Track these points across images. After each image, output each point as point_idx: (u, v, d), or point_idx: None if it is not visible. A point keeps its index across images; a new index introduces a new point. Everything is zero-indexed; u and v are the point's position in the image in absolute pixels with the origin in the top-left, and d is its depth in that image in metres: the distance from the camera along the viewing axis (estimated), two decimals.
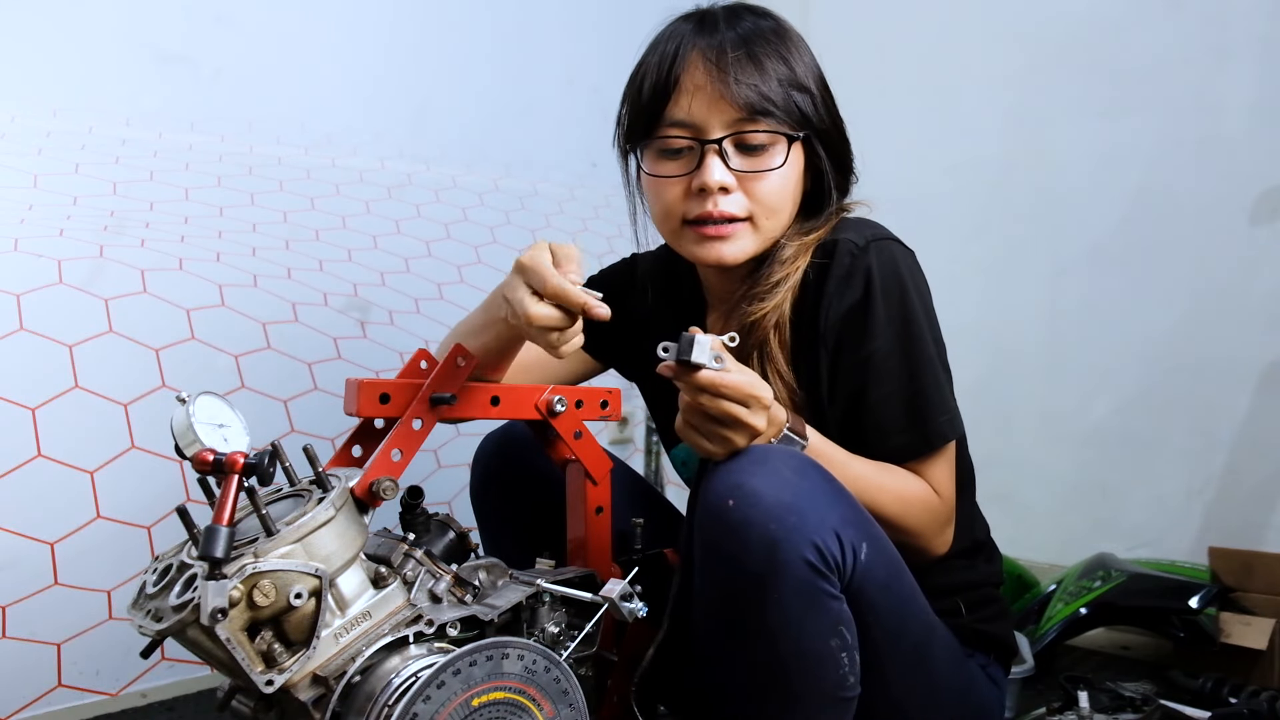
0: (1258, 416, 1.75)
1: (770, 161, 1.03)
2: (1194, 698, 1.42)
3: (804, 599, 0.84)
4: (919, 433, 1.02)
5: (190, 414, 0.78)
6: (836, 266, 1.02)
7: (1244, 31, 1.79)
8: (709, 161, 1.01)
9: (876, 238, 1.03)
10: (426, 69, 1.98)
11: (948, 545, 1.05)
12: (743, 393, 0.86)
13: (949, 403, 1.04)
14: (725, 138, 1.01)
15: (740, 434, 0.88)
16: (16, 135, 1.49)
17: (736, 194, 1.02)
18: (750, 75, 1.00)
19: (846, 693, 0.88)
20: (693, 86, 1.01)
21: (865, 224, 1.06)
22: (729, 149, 1.01)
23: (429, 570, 0.88)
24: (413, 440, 0.90)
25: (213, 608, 0.70)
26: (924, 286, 1.06)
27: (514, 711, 0.81)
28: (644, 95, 1.04)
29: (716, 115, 1.01)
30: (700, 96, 1.01)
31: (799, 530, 0.82)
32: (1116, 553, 1.80)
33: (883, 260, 1.01)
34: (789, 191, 1.05)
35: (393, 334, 1.82)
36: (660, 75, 1.03)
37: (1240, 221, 1.78)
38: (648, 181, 1.08)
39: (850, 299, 1.01)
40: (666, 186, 1.05)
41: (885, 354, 1.01)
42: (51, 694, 1.38)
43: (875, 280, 1.00)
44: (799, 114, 1.03)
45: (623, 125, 1.10)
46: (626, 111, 1.09)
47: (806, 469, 0.88)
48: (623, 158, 1.13)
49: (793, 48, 1.05)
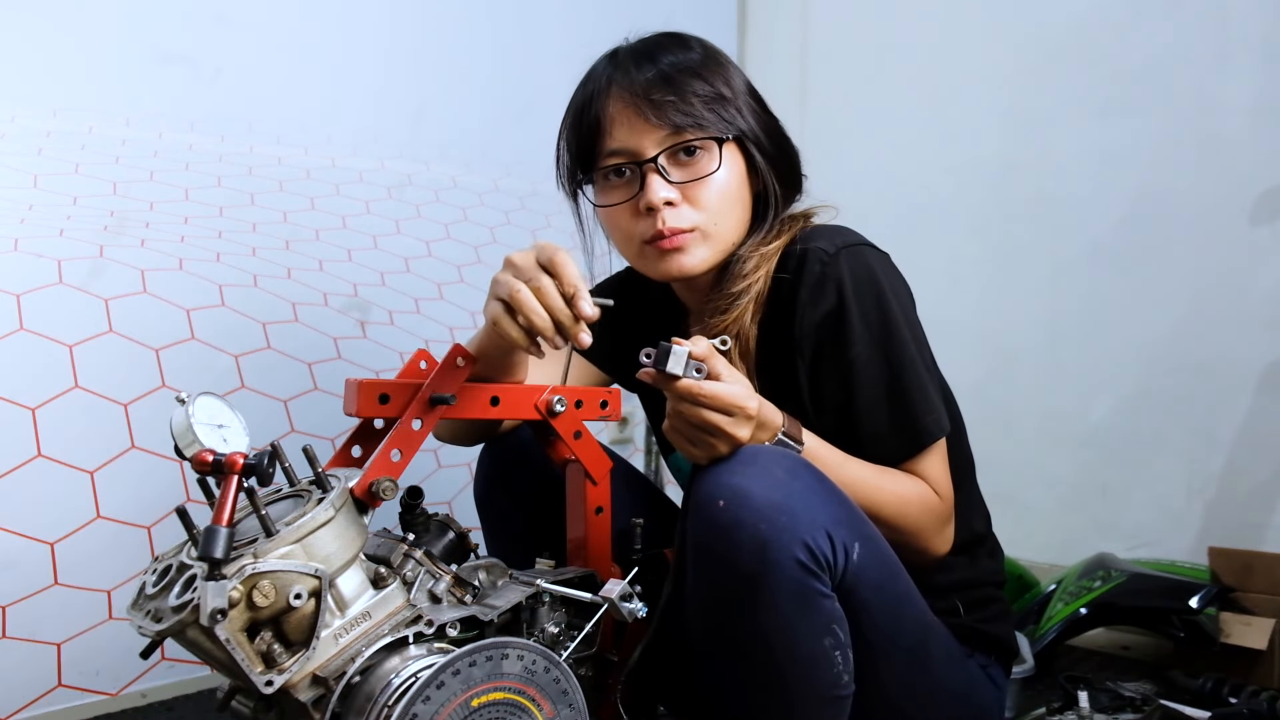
0: (1258, 416, 1.75)
1: (706, 167, 1.05)
2: (1194, 698, 1.42)
3: (796, 598, 0.84)
4: (908, 434, 1.02)
5: (190, 414, 0.78)
6: (807, 275, 1.03)
7: (1244, 31, 1.78)
8: (650, 181, 1.04)
9: (847, 244, 1.04)
10: (426, 69, 1.98)
11: (949, 544, 1.05)
12: (723, 402, 0.87)
13: (934, 401, 1.04)
14: (659, 154, 1.04)
15: (722, 442, 0.89)
16: (16, 135, 1.49)
17: (682, 207, 1.05)
18: (668, 96, 1.03)
19: (841, 691, 0.88)
20: (619, 116, 1.05)
21: (835, 231, 1.07)
22: (665, 164, 1.04)
23: (429, 570, 0.88)
24: (412, 440, 0.90)
25: (212, 608, 0.70)
26: (901, 288, 1.06)
27: (514, 712, 0.81)
28: (579, 134, 1.09)
29: (645, 137, 1.04)
30: (626, 123, 1.05)
31: (789, 530, 0.83)
32: (1116, 553, 1.80)
33: (855, 266, 1.02)
34: (732, 194, 1.07)
35: (393, 334, 1.82)
36: (589, 114, 1.07)
37: (1240, 221, 1.78)
38: (601, 214, 1.13)
39: (824, 307, 1.02)
40: (618, 214, 1.09)
41: (866, 359, 1.01)
42: (51, 694, 1.38)
43: (848, 286, 1.01)
44: (723, 122, 1.06)
45: (563, 166, 1.14)
46: (565, 152, 1.13)
47: (797, 469, 0.88)
48: (571, 199, 1.16)
49: (711, 65, 1.08)
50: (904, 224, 2.15)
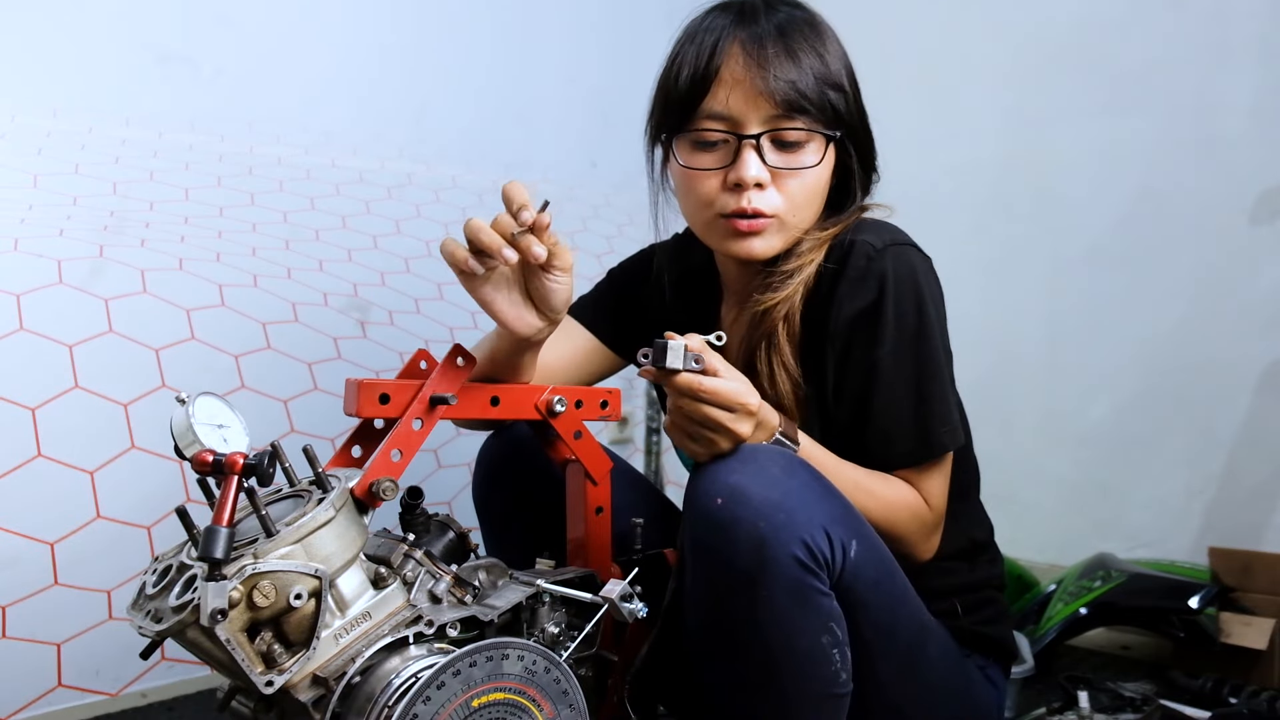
0: (1258, 416, 1.75)
1: (806, 159, 1.02)
2: (1194, 698, 1.42)
3: (793, 596, 0.84)
4: (919, 441, 1.02)
5: (190, 414, 0.78)
6: (851, 268, 1.01)
7: (1244, 31, 1.78)
8: (745, 156, 1.01)
9: (895, 242, 1.02)
10: (426, 69, 1.98)
11: (933, 552, 1.05)
12: (724, 398, 0.87)
13: (952, 415, 1.04)
14: (763, 134, 1.00)
15: (723, 438, 0.88)
16: (16, 135, 1.49)
17: (770, 190, 1.02)
18: (789, 71, 0.99)
19: (839, 689, 0.88)
20: (732, 80, 1.00)
21: (885, 227, 1.06)
22: (765, 145, 1.01)
23: (429, 571, 0.88)
24: (412, 440, 0.90)
25: (212, 609, 0.70)
26: (939, 295, 1.05)
27: (514, 712, 0.81)
28: (680, 86, 1.03)
29: (754, 110, 1.00)
30: (739, 90, 1.00)
31: (787, 527, 0.83)
32: (1116, 553, 1.80)
33: (899, 265, 1.01)
34: (820, 190, 1.05)
35: (393, 334, 1.82)
36: (699, 67, 1.01)
37: (1240, 221, 1.78)
38: (679, 173, 1.07)
39: (862, 301, 1.01)
40: (701, 179, 1.04)
41: (893, 360, 1.00)
42: (51, 694, 1.38)
43: (889, 284, 1.00)
44: (833, 112, 1.03)
45: (654, 115, 1.09)
46: (660, 102, 1.08)
47: (795, 467, 0.88)
48: (650, 147, 1.12)
49: (828, 42, 1.05)
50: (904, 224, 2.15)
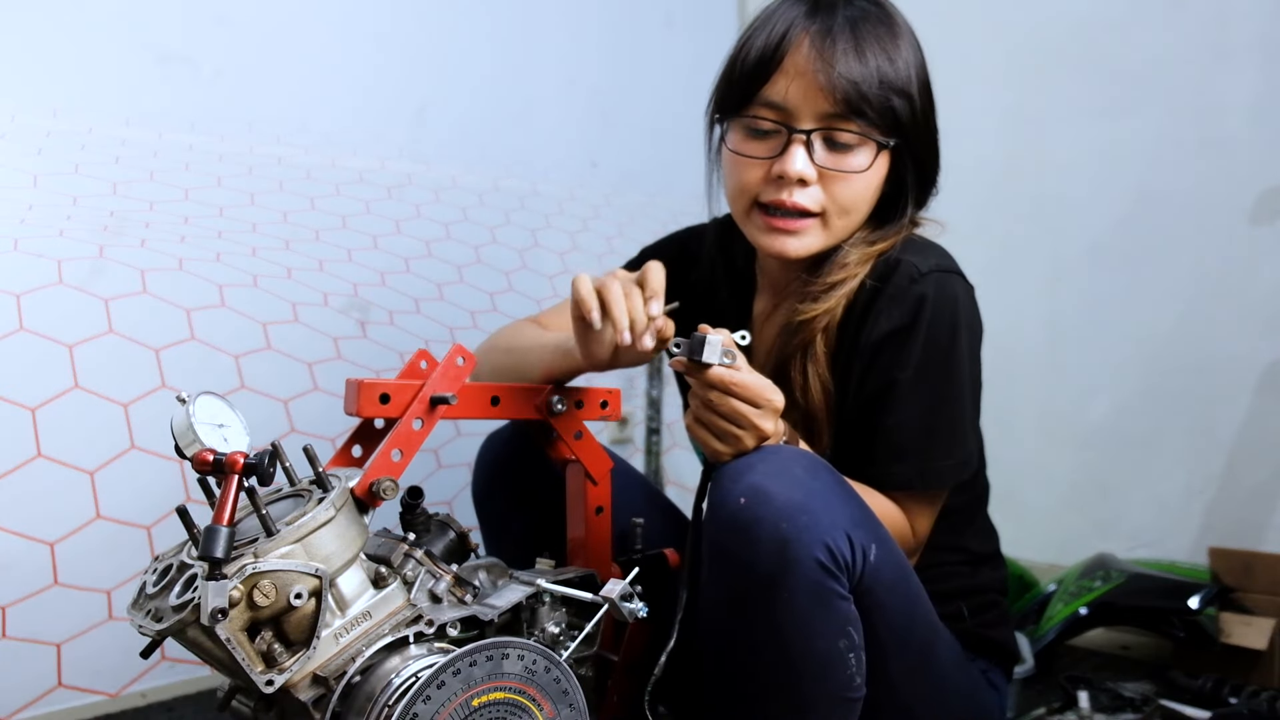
0: (1258, 416, 1.75)
1: (855, 163, 1.00)
2: (1194, 698, 1.42)
3: (814, 599, 0.83)
4: (918, 469, 1.01)
5: (190, 414, 0.78)
6: (892, 286, 1.00)
7: (1244, 31, 1.78)
8: (793, 150, 0.99)
9: (941, 268, 1.01)
10: (426, 69, 1.98)
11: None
12: (753, 392, 0.86)
13: (959, 448, 1.03)
14: (815, 130, 0.99)
15: (749, 434, 0.88)
16: (16, 135, 1.49)
17: (814, 188, 1.00)
18: (853, 70, 0.97)
19: (853, 694, 0.88)
20: (794, 71, 0.98)
21: (933, 249, 1.04)
22: (816, 142, 0.99)
23: (429, 570, 0.88)
24: (413, 440, 0.90)
25: (213, 608, 0.70)
26: (976, 326, 1.04)
27: (514, 712, 0.81)
28: (743, 70, 1.02)
29: (811, 104, 0.98)
30: (799, 83, 0.98)
31: (811, 530, 0.82)
32: (1116, 553, 1.80)
33: (941, 292, 1.00)
34: (868, 195, 1.03)
35: (393, 334, 1.82)
36: (765, 53, 1.00)
37: (1240, 221, 1.77)
38: (727, 156, 1.06)
39: (897, 322, 0.99)
40: (746, 166, 1.03)
41: (914, 384, 0.99)
42: (51, 694, 1.38)
43: (927, 310, 0.98)
44: (893, 119, 1.01)
45: (716, 94, 1.08)
46: (723, 82, 1.07)
47: (818, 469, 0.88)
48: (709, 126, 1.11)
49: (901, 44, 1.02)
50: None
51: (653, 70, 2.31)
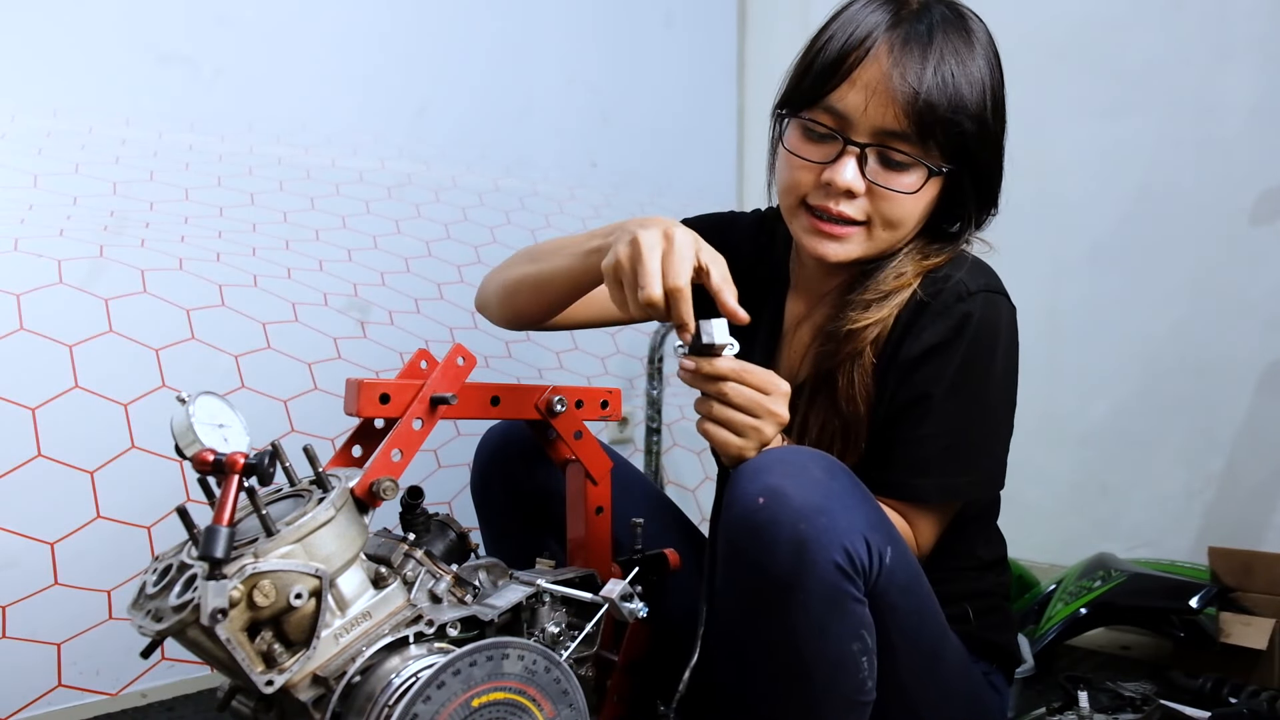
0: (1258, 416, 1.75)
1: (906, 182, 0.99)
2: (1194, 698, 1.42)
3: (830, 602, 0.83)
4: (937, 484, 1.01)
5: (190, 414, 0.78)
6: (940, 302, 1.00)
7: (1244, 31, 1.78)
8: (845, 161, 0.98)
9: (989, 289, 1.01)
10: (426, 69, 1.98)
11: None
12: (763, 379, 0.87)
13: (983, 467, 1.03)
14: (869, 145, 0.98)
15: (767, 421, 0.88)
16: (16, 135, 1.49)
17: (861, 199, 1.00)
18: (928, 92, 0.96)
19: (864, 697, 0.88)
20: (863, 82, 0.97)
21: (984, 270, 1.04)
22: (870, 156, 0.99)
23: (429, 570, 0.88)
24: (413, 440, 0.90)
25: (213, 608, 0.70)
26: (1015, 350, 1.04)
27: (514, 712, 0.81)
28: (814, 70, 1.00)
29: (872, 119, 0.97)
30: (868, 95, 0.96)
31: (829, 532, 0.82)
32: (1116, 553, 1.80)
33: (986, 312, 0.99)
34: (916, 212, 1.03)
35: (393, 334, 1.82)
36: (838, 57, 0.98)
37: (1240, 221, 1.78)
38: (782, 153, 1.05)
39: (939, 337, 0.99)
40: (798, 166, 1.02)
41: (945, 401, 0.99)
42: (51, 694, 1.38)
43: (969, 328, 0.98)
44: (957, 140, 0.99)
45: (785, 89, 1.06)
46: (795, 77, 1.05)
47: (835, 470, 0.87)
48: (774, 118, 1.09)
49: (977, 62, 1.01)
50: None
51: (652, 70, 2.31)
